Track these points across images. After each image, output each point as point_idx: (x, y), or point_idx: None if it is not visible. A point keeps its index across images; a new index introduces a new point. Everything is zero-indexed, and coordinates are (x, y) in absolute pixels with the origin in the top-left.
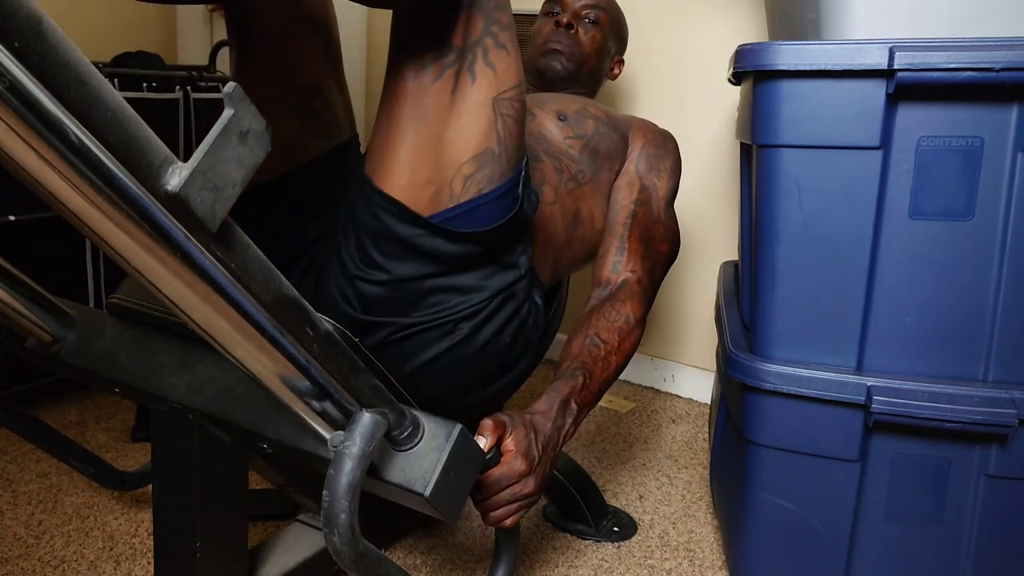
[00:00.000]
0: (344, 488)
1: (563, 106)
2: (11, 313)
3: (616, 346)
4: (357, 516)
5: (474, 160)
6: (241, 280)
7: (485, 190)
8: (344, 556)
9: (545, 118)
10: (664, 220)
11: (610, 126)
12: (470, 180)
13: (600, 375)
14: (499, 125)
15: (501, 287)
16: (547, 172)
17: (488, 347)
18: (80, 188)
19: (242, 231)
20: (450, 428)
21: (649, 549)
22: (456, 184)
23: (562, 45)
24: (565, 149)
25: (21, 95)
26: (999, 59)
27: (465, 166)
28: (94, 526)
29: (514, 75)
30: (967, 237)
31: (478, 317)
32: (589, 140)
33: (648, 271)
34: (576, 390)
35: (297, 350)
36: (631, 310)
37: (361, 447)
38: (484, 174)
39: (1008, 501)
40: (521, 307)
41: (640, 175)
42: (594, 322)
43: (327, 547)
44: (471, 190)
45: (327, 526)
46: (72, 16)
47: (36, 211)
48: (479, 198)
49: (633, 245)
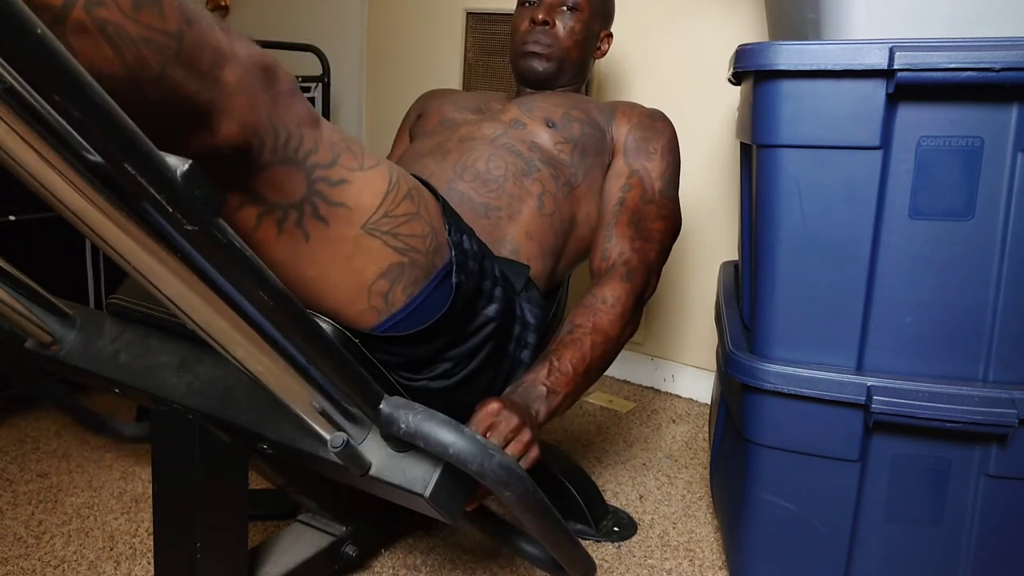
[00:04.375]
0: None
1: (550, 112)
2: (11, 313)
3: (592, 326)
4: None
5: (383, 278)
6: (237, 278)
7: (415, 292)
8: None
9: (535, 126)
10: (658, 200)
11: (592, 124)
12: (391, 293)
13: (573, 356)
14: (391, 242)
15: (472, 349)
16: (545, 181)
17: (466, 394)
18: (79, 186)
19: (234, 232)
20: None
21: (649, 549)
22: (377, 303)
23: (540, 46)
24: (557, 154)
25: (19, 97)
26: (999, 59)
27: (376, 286)
28: (94, 526)
29: (373, 194)
30: (967, 237)
31: (450, 379)
32: (577, 142)
33: (638, 251)
34: (543, 375)
35: (296, 350)
36: (609, 291)
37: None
38: (405, 281)
39: (1008, 501)
40: (502, 344)
41: (628, 162)
42: (571, 312)
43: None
44: (399, 299)
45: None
46: None
47: (36, 211)
48: (411, 302)
49: (620, 230)
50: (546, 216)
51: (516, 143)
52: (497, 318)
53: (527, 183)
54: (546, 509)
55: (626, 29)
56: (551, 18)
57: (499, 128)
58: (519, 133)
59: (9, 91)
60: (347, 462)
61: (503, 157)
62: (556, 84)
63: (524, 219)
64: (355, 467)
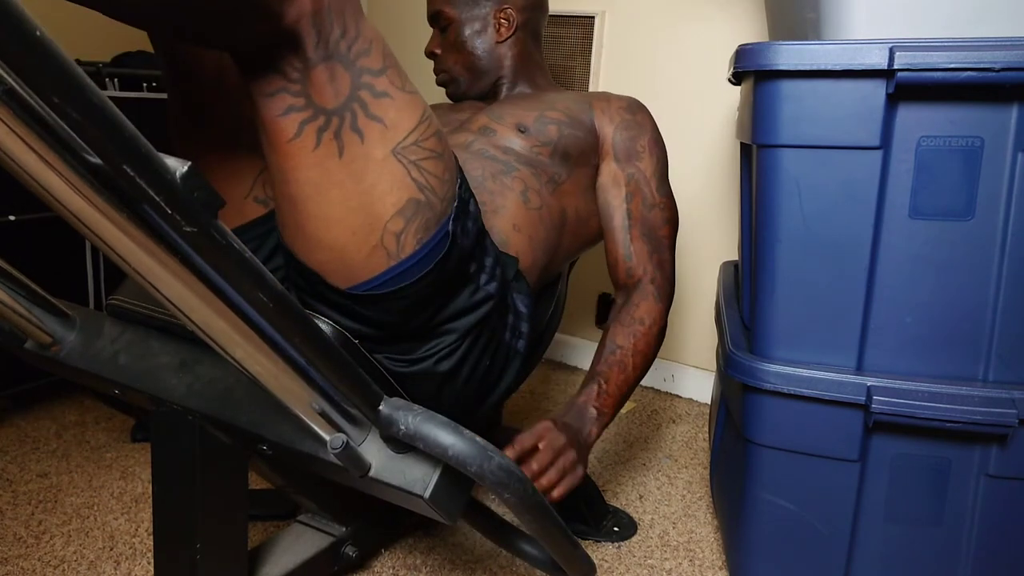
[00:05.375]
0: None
1: (520, 117)
2: (11, 314)
3: (632, 347)
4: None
5: (399, 215)
6: (236, 279)
7: (425, 239)
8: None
9: (507, 133)
10: (659, 202)
11: (573, 124)
12: (404, 235)
13: (618, 378)
14: (414, 173)
15: (473, 324)
16: (526, 179)
17: (466, 381)
18: (79, 187)
19: (233, 233)
20: None
21: (649, 549)
22: (389, 243)
23: (440, 74)
24: (534, 157)
25: (19, 99)
26: (999, 59)
27: (391, 223)
28: (94, 526)
29: (409, 117)
30: (967, 237)
31: (451, 359)
32: (556, 145)
33: (658, 265)
34: (592, 397)
35: (295, 351)
36: (645, 311)
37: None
38: (418, 223)
39: (1008, 501)
40: (498, 331)
41: (621, 167)
42: (611, 330)
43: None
44: (409, 244)
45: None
46: (72, 16)
47: (36, 211)
48: (421, 249)
49: (637, 246)
50: (533, 210)
51: (489, 148)
52: (496, 296)
53: (507, 181)
54: (545, 510)
55: (627, 29)
56: (434, 49)
57: (469, 136)
58: (490, 139)
59: (9, 93)
60: (347, 463)
61: (478, 161)
62: (488, 90)
63: (509, 212)
64: (355, 468)
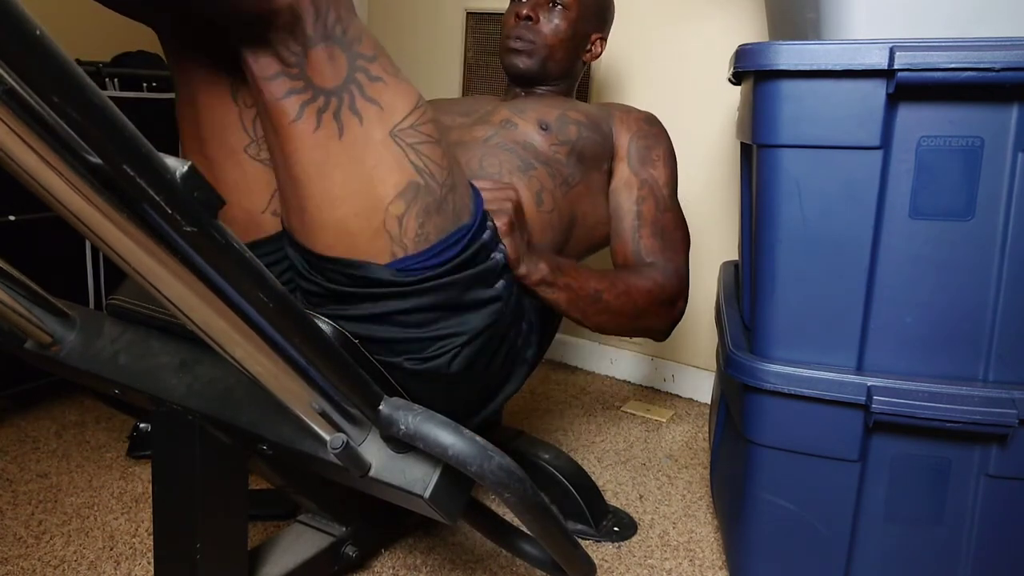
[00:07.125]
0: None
1: (543, 114)
2: (11, 314)
3: (625, 282)
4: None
5: (400, 198)
6: (236, 279)
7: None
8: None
9: (527, 128)
10: (672, 208)
11: (592, 128)
12: (406, 217)
13: (599, 282)
14: (412, 156)
15: (484, 325)
16: (543, 179)
17: (475, 382)
18: (79, 188)
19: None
20: None
21: (649, 549)
22: (392, 226)
23: (522, 42)
24: (552, 155)
25: (19, 99)
26: (999, 59)
27: (392, 206)
28: (94, 526)
29: (404, 101)
30: (967, 237)
31: (462, 359)
32: (574, 145)
33: (671, 260)
34: (574, 267)
35: (295, 351)
36: (650, 272)
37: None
38: (419, 207)
39: (1008, 501)
40: (508, 332)
41: (635, 172)
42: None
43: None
44: (411, 227)
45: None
46: (73, 16)
47: (36, 211)
48: (438, 244)
49: (648, 243)
50: (545, 213)
51: (508, 143)
52: (504, 296)
53: (524, 179)
54: (545, 510)
55: (626, 29)
56: (535, 14)
57: (490, 130)
58: (510, 133)
59: (9, 93)
60: (347, 463)
61: (497, 156)
62: (543, 83)
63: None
64: (355, 468)
